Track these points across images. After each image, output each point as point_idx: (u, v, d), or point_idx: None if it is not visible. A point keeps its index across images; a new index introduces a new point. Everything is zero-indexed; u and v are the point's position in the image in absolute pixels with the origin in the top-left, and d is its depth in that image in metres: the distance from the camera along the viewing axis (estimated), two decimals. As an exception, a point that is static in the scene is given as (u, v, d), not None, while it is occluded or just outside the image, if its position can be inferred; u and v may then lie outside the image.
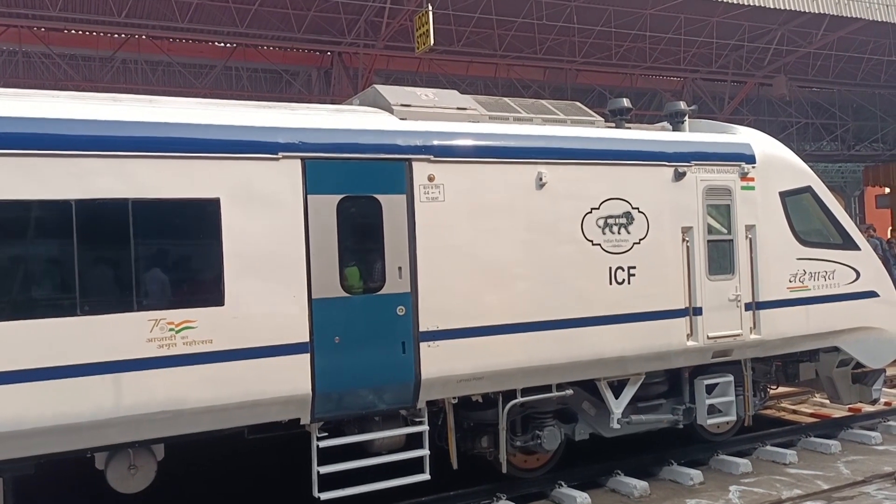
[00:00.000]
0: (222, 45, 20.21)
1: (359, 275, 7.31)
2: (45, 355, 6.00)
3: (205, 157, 6.66)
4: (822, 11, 19.46)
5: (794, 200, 9.77)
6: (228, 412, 6.69)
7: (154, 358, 6.35)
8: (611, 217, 8.46)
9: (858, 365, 10.48)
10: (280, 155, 6.96)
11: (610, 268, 8.41)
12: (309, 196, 7.06)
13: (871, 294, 10.23)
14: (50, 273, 6.14)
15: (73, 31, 18.83)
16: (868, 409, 11.84)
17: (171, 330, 6.43)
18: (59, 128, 6.21)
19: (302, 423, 7.14)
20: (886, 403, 12.25)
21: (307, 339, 6.95)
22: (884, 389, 11.24)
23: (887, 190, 33.89)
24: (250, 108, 7.44)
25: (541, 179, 8.07)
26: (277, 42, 20.16)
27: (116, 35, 19.00)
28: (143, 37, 18.94)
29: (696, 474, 9.06)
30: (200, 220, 6.63)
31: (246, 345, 6.68)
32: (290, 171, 7.00)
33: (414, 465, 7.59)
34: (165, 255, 6.57)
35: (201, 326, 6.53)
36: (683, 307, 8.84)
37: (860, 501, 8.21)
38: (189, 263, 6.67)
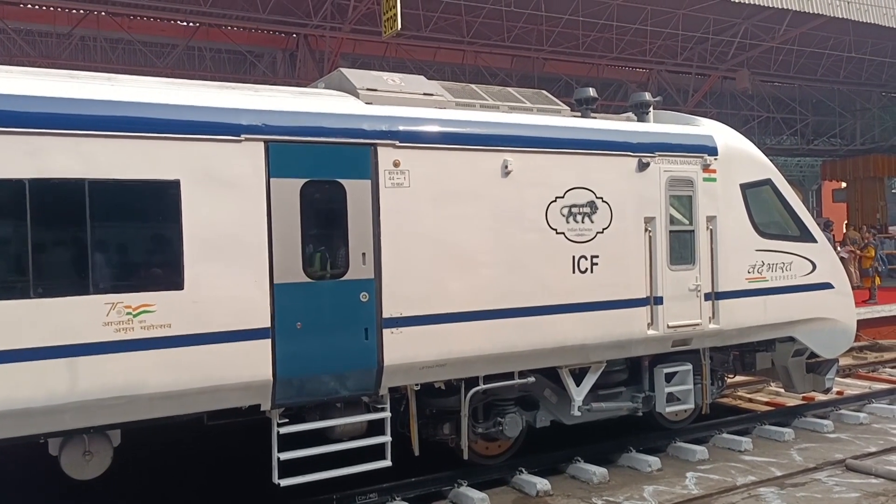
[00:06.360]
0: (185, 23, 19.81)
1: (322, 260, 7.24)
2: (-4, 338, 5.84)
3: (165, 138, 6.50)
4: (785, 7, 19.75)
5: (754, 193, 9.90)
6: (187, 398, 6.59)
7: (110, 342, 6.20)
8: (575, 206, 8.49)
9: (813, 355, 10.72)
10: (243, 137, 6.84)
11: (573, 256, 8.45)
12: (272, 179, 6.95)
13: (827, 286, 10.44)
14: (1, 254, 5.96)
15: (29, 6, 18.29)
16: (821, 397, 12.12)
17: (128, 314, 6.29)
18: (13, 104, 6.00)
19: (262, 409, 7.07)
20: (838, 392, 12.56)
21: (268, 325, 6.87)
22: (836, 379, 11.52)
23: (844, 184, 34.70)
24: (213, 89, 7.28)
25: (506, 167, 8.06)
26: (242, 22, 19.85)
27: (75, 10, 18.50)
28: (103, 13, 18.48)
29: (653, 461, 9.20)
30: (160, 201, 6.49)
31: (205, 329, 6.58)
32: (252, 154, 6.88)
33: (375, 452, 7.57)
34: (123, 237, 6.42)
35: (160, 310, 6.40)
36: (645, 296, 8.93)
37: (812, 487, 8.40)
38: (148, 246, 6.54)
